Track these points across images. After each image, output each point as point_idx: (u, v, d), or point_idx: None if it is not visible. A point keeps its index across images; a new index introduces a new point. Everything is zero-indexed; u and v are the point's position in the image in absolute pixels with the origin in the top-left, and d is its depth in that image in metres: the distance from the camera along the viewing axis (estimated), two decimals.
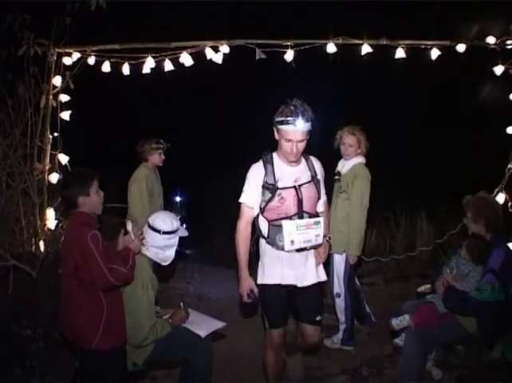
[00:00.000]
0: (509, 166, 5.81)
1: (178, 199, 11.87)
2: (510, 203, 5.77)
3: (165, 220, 4.26)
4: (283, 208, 3.88)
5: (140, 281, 4.07)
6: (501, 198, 5.70)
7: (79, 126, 6.79)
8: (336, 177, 5.50)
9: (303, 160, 3.99)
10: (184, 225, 4.59)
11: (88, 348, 3.73)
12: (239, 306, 6.02)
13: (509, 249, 4.77)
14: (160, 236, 4.19)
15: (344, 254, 5.44)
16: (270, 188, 3.89)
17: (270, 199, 3.89)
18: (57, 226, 6.15)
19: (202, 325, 4.45)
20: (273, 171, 3.94)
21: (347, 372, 5.16)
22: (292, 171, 3.93)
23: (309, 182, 3.93)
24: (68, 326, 3.83)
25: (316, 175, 4.00)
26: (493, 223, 4.47)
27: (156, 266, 4.51)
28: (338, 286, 5.57)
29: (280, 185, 3.88)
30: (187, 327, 4.39)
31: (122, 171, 6.31)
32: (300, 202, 3.89)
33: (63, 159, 6.19)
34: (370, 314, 5.93)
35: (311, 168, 3.99)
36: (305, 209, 3.88)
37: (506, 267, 4.36)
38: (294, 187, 3.89)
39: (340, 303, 5.59)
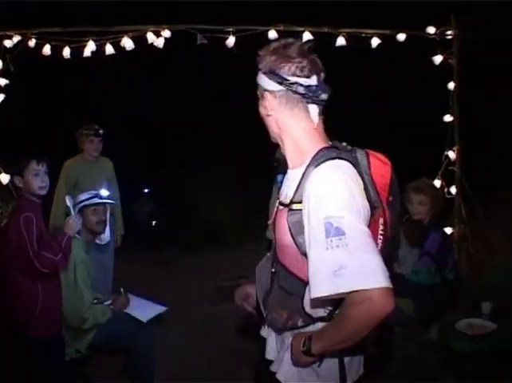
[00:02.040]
0: (445, 153, 5.96)
1: (145, 190, 12.28)
2: (445, 189, 5.93)
3: (82, 193, 4.43)
4: None
5: (72, 262, 4.16)
6: (437, 184, 5.84)
7: (17, 112, 6.67)
8: (275, 164, 5.56)
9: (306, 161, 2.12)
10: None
11: (25, 335, 3.75)
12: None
13: (445, 233, 4.94)
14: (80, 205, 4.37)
15: None
16: None
17: None
18: None
19: (144, 310, 4.49)
20: None
21: None
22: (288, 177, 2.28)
23: (282, 207, 2.18)
24: (6, 313, 3.80)
25: (294, 200, 2.09)
26: (436, 208, 4.61)
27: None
28: None
29: None
30: (129, 313, 4.42)
31: (58, 159, 5.92)
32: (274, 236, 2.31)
33: (4, 179, 5.98)
34: None
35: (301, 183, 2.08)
36: (280, 258, 2.22)
37: (442, 251, 4.52)
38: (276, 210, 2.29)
39: None
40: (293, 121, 2.14)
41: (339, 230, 1.88)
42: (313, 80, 2.07)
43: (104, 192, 4.60)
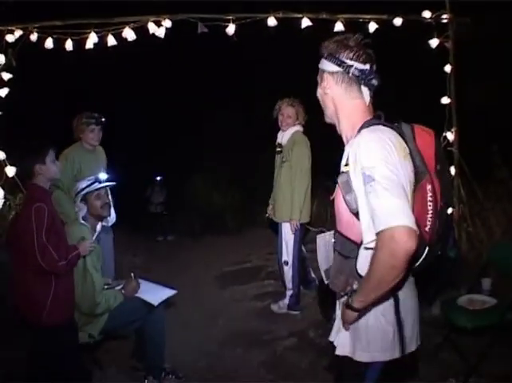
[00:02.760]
0: (443, 134, 6.05)
1: (158, 178, 12.09)
2: None
3: (81, 181, 4.53)
4: None
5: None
6: None
7: (22, 104, 6.74)
8: (278, 149, 5.66)
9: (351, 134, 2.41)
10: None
11: (36, 325, 3.79)
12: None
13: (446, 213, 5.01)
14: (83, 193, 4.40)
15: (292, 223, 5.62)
16: None
17: None
18: (4, 204, 6.11)
19: (154, 294, 4.58)
20: None
21: (294, 334, 5.38)
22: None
23: (340, 175, 2.33)
24: (17, 303, 3.86)
25: (349, 163, 2.28)
26: None
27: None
28: (286, 255, 5.75)
29: None
30: (139, 297, 4.51)
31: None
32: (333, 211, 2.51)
33: (10, 171, 6.05)
34: (315, 280, 6.14)
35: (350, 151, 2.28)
36: (338, 227, 2.43)
37: (443, 230, 4.59)
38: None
39: (287, 271, 5.78)
40: (347, 99, 2.43)
41: (370, 177, 2.11)
42: (366, 67, 2.38)
43: (103, 175, 4.65)
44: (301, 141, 5.64)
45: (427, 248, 2.30)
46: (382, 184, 2.08)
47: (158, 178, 12.46)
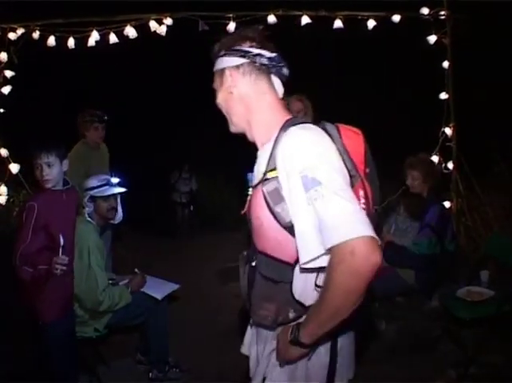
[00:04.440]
0: (442, 129, 6.11)
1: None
2: (443, 165, 6.09)
3: (93, 178, 4.45)
4: None
5: (86, 247, 4.21)
6: (435, 159, 6.00)
7: (24, 102, 6.79)
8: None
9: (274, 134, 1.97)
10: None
11: (34, 319, 3.82)
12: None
13: (444, 206, 5.11)
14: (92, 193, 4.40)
15: None
16: None
17: None
18: (7, 201, 6.17)
19: (158, 288, 4.62)
20: None
21: None
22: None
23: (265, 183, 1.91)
24: (19, 298, 3.89)
25: (268, 170, 1.92)
26: (431, 182, 4.76)
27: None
28: None
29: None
30: (144, 291, 4.56)
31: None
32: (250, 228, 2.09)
33: (14, 168, 6.12)
34: None
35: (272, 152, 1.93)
36: (260, 246, 2.01)
37: (441, 223, 4.69)
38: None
39: None
40: (258, 94, 2.05)
41: (315, 181, 1.72)
42: (275, 54, 2.04)
43: (115, 180, 4.63)
44: None
45: None
46: (330, 188, 1.71)
47: (186, 165, 11.39)
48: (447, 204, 5.85)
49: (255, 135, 2.09)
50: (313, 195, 1.71)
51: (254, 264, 2.04)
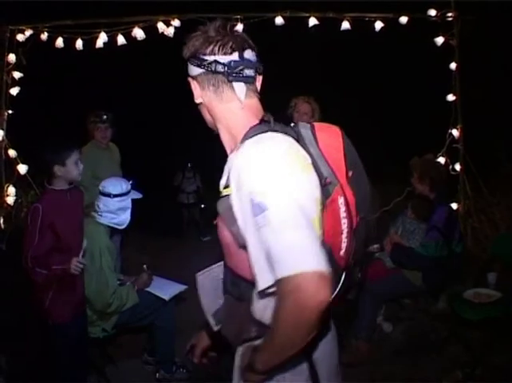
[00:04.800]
0: (449, 131, 6.11)
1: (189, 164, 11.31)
2: (450, 166, 6.09)
3: (114, 184, 4.43)
4: None
5: (97, 248, 4.22)
6: (442, 161, 6.01)
7: (32, 103, 6.83)
8: None
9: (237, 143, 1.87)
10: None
11: (43, 320, 3.83)
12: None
13: (451, 208, 5.12)
14: (112, 200, 4.36)
15: None
16: None
17: None
18: (15, 202, 6.20)
19: (166, 289, 4.63)
20: None
21: None
22: None
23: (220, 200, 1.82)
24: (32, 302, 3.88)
25: (224, 185, 1.82)
26: (437, 183, 4.77)
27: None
28: None
29: None
30: (151, 291, 4.57)
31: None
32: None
33: (22, 169, 6.16)
34: None
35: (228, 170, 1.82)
36: (227, 261, 1.91)
37: (449, 225, 4.68)
38: None
39: None
40: (219, 104, 1.88)
41: (261, 206, 1.56)
42: (234, 57, 1.80)
43: (135, 195, 4.60)
44: None
45: (343, 275, 1.78)
46: (279, 215, 1.55)
47: (189, 164, 11.06)
48: (454, 206, 5.84)
49: (225, 144, 1.94)
50: (260, 222, 1.56)
51: (222, 277, 1.98)
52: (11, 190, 6.09)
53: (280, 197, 1.57)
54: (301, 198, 1.59)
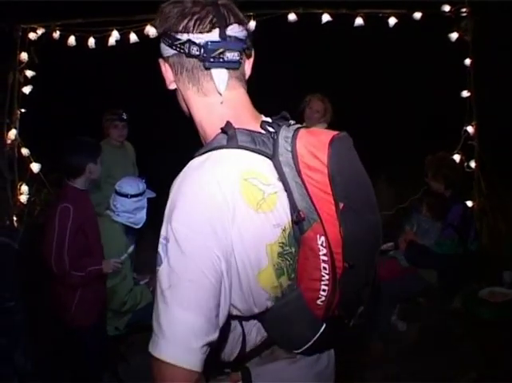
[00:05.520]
0: (464, 128, 6.06)
1: None
2: (465, 164, 6.04)
3: (131, 184, 4.43)
4: None
5: (115, 247, 4.22)
6: (457, 158, 5.95)
7: (45, 101, 6.83)
8: None
9: None
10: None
11: (65, 324, 3.79)
12: None
13: (466, 206, 5.07)
14: (129, 200, 4.36)
15: None
16: None
17: None
18: (28, 200, 6.21)
19: None
20: None
21: None
22: None
23: None
24: (50, 302, 3.85)
25: None
26: (451, 181, 4.73)
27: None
28: None
29: None
30: None
31: None
32: None
33: (35, 167, 6.16)
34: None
35: None
36: None
37: (464, 223, 4.65)
38: None
39: None
40: (195, 95, 1.51)
41: (159, 258, 1.31)
42: (213, 35, 1.42)
43: (149, 194, 4.60)
44: None
45: (322, 327, 1.48)
46: (166, 276, 1.29)
47: None
48: (469, 203, 5.79)
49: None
50: (157, 275, 1.33)
51: None
52: (24, 188, 6.09)
53: (178, 256, 1.28)
54: (216, 259, 1.29)
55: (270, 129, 1.47)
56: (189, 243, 1.28)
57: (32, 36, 6.22)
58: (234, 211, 1.32)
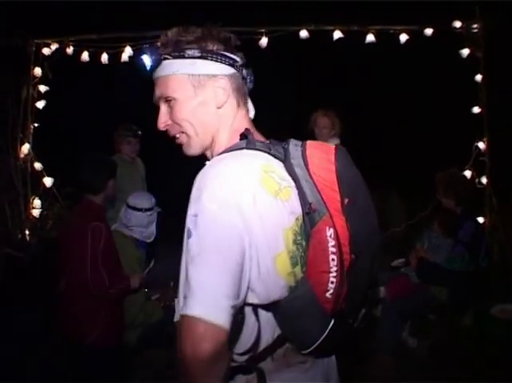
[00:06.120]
0: (475, 144, 6.06)
1: None
2: (476, 180, 6.04)
3: (143, 198, 4.46)
4: None
5: (128, 262, 4.22)
6: (468, 175, 5.95)
7: (58, 116, 6.90)
8: None
9: None
10: None
11: (83, 344, 3.60)
12: None
13: (478, 222, 5.05)
14: (143, 214, 4.38)
15: None
16: None
17: None
18: (41, 214, 6.26)
19: None
20: None
21: None
22: None
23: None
24: (64, 319, 3.69)
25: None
26: (462, 197, 4.72)
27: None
28: None
29: None
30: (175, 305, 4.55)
31: None
32: None
33: (48, 182, 6.22)
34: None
35: None
36: None
37: (476, 240, 4.63)
38: None
39: None
40: (232, 114, 1.66)
41: (189, 232, 1.40)
42: (241, 60, 1.68)
43: (157, 209, 4.63)
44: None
45: (331, 323, 1.51)
46: (199, 247, 1.37)
47: None
48: (480, 220, 5.78)
49: (216, 155, 1.64)
50: (186, 246, 1.42)
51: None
52: (37, 202, 6.15)
53: (207, 228, 1.39)
54: (251, 231, 1.41)
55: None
56: (217, 218, 1.39)
57: (46, 51, 6.30)
58: (254, 196, 1.44)
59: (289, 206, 1.49)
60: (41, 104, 6.36)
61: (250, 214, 1.42)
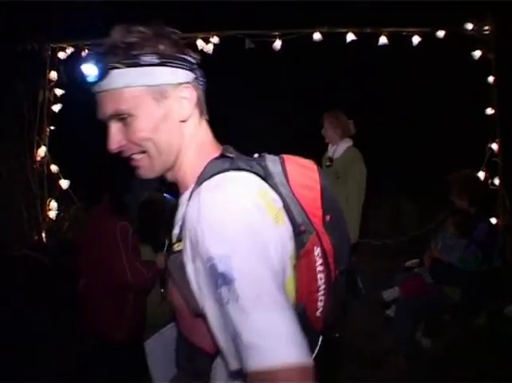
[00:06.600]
0: (488, 145, 6.08)
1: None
2: (489, 181, 6.05)
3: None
4: None
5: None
6: (481, 176, 5.97)
7: (74, 119, 6.96)
8: (328, 163, 5.37)
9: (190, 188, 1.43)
10: None
11: (109, 342, 3.65)
12: None
13: (491, 223, 5.07)
14: None
15: None
16: None
17: None
18: (57, 216, 6.33)
19: None
20: None
21: None
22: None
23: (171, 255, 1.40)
24: (88, 319, 3.71)
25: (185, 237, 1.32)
26: (476, 198, 4.73)
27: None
28: None
29: None
30: None
31: None
32: None
33: (64, 184, 6.30)
34: (361, 289, 6.15)
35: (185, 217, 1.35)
36: (180, 324, 1.50)
37: (489, 240, 4.64)
38: None
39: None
40: (196, 126, 1.46)
41: (225, 277, 1.19)
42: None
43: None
44: (358, 159, 5.19)
45: (320, 339, 1.48)
46: (247, 290, 1.18)
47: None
48: (493, 220, 5.79)
49: (185, 175, 1.47)
50: (224, 296, 1.19)
51: (176, 346, 1.56)
52: (53, 204, 6.22)
53: (249, 264, 1.21)
54: (274, 261, 1.26)
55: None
56: (255, 252, 1.23)
57: (61, 55, 6.37)
58: (269, 223, 1.31)
59: (286, 231, 1.36)
60: (57, 108, 6.43)
61: (272, 243, 1.28)
